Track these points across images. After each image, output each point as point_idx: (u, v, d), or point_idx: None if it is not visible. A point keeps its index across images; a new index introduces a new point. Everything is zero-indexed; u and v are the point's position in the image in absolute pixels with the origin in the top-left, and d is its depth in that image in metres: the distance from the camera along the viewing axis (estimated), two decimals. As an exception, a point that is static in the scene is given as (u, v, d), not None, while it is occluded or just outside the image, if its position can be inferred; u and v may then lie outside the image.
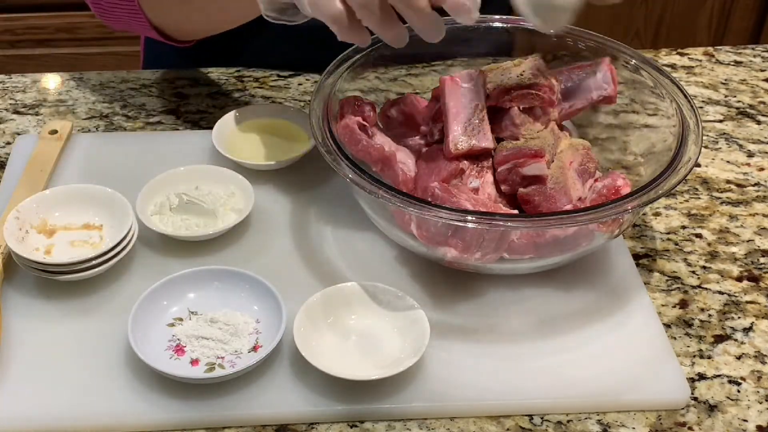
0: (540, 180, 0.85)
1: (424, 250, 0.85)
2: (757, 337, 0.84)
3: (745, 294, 0.89)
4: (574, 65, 0.93)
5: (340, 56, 0.93)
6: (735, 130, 1.11)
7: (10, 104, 1.11)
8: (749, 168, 1.05)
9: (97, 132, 1.07)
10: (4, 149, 1.03)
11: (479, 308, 0.85)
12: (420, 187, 0.87)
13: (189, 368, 0.78)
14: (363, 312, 0.81)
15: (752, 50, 1.27)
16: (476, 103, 0.86)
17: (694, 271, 0.91)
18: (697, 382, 0.80)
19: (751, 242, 0.95)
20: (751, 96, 1.17)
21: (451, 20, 0.76)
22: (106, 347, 0.80)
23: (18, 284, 0.85)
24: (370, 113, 0.89)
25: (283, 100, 1.12)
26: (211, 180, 0.94)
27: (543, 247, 0.83)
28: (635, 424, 0.76)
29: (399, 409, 0.76)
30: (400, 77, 1.04)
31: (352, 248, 0.90)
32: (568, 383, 0.78)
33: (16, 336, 0.81)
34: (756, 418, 0.77)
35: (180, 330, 0.81)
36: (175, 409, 0.75)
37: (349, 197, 0.91)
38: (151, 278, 0.83)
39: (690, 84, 1.19)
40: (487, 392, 0.77)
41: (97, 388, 0.77)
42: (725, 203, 1.00)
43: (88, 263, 0.83)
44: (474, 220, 0.77)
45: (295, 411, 0.76)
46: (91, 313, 0.83)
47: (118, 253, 0.85)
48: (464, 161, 0.86)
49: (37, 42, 2.16)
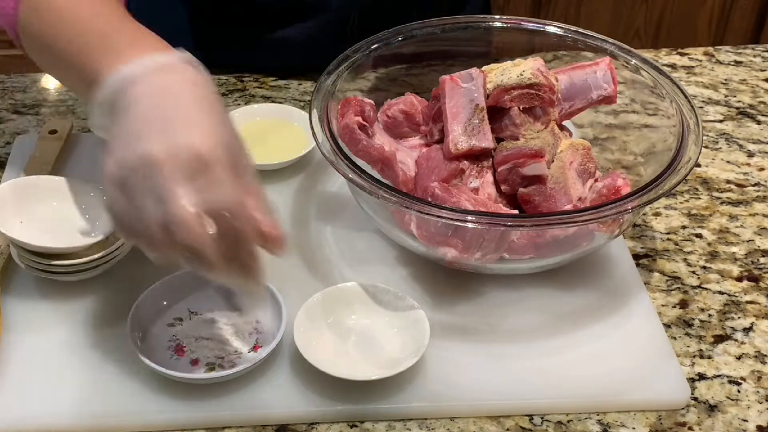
0: (540, 180, 0.85)
1: (424, 250, 0.85)
2: (757, 337, 0.84)
3: (745, 294, 0.89)
4: (574, 65, 0.93)
5: (340, 56, 0.93)
6: (735, 130, 1.11)
7: (10, 104, 1.11)
8: (749, 168, 1.05)
9: (97, 132, 1.07)
10: (4, 149, 1.03)
11: (479, 308, 0.85)
12: (420, 187, 0.87)
13: (189, 368, 0.78)
14: (363, 312, 0.81)
15: (752, 50, 1.27)
16: (476, 103, 0.86)
17: (694, 271, 0.91)
18: (697, 382, 0.80)
19: (751, 242, 0.95)
20: (751, 96, 1.17)
21: (450, 20, 0.76)
22: (106, 347, 0.80)
23: (18, 284, 0.85)
24: (370, 113, 0.89)
25: (283, 100, 1.12)
26: (211, 180, 0.93)
27: (543, 247, 0.83)
28: (635, 424, 0.76)
29: (399, 409, 0.76)
30: (400, 77, 1.04)
31: (352, 248, 0.90)
32: (568, 383, 0.78)
33: (16, 336, 0.81)
34: (756, 418, 0.77)
35: (180, 330, 0.81)
36: (175, 409, 0.75)
37: (349, 197, 0.91)
38: (151, 278, 0.83)
39: (690, 84, 1.19)
40: (487, 392, 0.77)
41: (97, 388, 0.77)
42: (725, 203, 1.00)
43: (88, 263, 0.83)
44: (474, 220, 0.77)
45: (295, 411, 0.76)
46: (91, 313, 0.83)
47: (118, 253, 0.85)
48: (464, 161, 0.86)
49: (37, 42, 2.17)
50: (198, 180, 0.66)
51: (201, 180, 0.66)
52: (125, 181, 0.67)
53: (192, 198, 0.65)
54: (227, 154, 0.68)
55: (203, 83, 0.72)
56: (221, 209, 0.67)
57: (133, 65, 0.71)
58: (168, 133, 0.67)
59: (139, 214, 0.67)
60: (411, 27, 0.98)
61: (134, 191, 0.66)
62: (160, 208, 0.65)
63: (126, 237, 0.72)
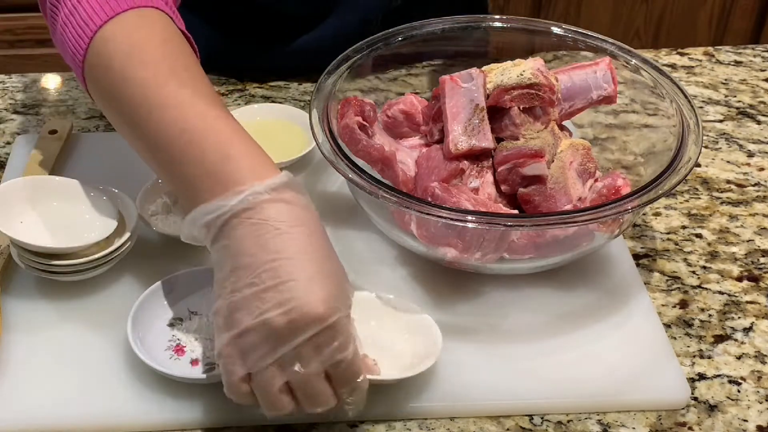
0: (540, 180, 0.85)
1: (424, 250, 0.85)
2: (757, 337, 0.84)
3: (745, 294, 0.89)
4: (574, 65, 0.93)
5: (340, 56, 0.93)
6: (735, 130, 1.11)
7: (10, 104, 1.11)
8: (749, 168, 1.05)
9: (97, 132, 1.07)
10: (4, 149, 1.03)
11: (479, 308, 0.85)
12: (420, 187, 0.87)
13: (189, 368, 0.77)
14: (367, 317, 0.80)
15: (752, 50, 1.27)
16: (476, 103, 0.86)
17: (694, 271, 0.91)
18: (697, 382, 0.80)
19: (751, 242, 0.95)
20: (751, 96, 1.17)
21: (451, 20, 0.76)
22: (106, 347, 0.80)
23: (18, 284, 0.85)
24: (370, 113, 0.89)
25: (283, 100, 1.12)
26: (211, 180, 0.93)
27: (543, 247, 0.83)
28: (635, 424, 0.76)
29: (399, 409, 0.76)
30: (400, 77, 1.04)
31: (352, 248, 0.90)
32: (568, 383, 0.78)
33: (16, 336, 0.81)
34: (756, 418, 0.77)
35: (180, 330, 0.81)
36: (175, 409, 0.75)
37: (349, 197, 0.91)
38: (151, 278, 0.83)
39: (690, 84, 1.19)
40: (487, 392, 0.77)
41: (97, 388, 0.77)
42: (725, 203, 1.00)
43: (88, 263, 0.83)
44: (474, 220, 0.77)
45: (295, 411, 0.76)
46: (91, 313, 0.83)
47: (118, 253, 0.85)
48: (464, 161, 0.86)
49: (37, 42, 2.16)
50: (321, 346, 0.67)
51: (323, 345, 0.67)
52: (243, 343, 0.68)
53: (319, 367, 0.68)
54: (345, 306, 0.69)
55: (311, 216, 0.71)
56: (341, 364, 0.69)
57: (247, 194, 0.69)
58: (285, 296, 0.67)
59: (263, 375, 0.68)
60: (411, 27, 0.98)
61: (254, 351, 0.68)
62: (283, 375, 0.68)
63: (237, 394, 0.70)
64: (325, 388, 0.69)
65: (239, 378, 0.68)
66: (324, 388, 0.69)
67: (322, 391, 0.69)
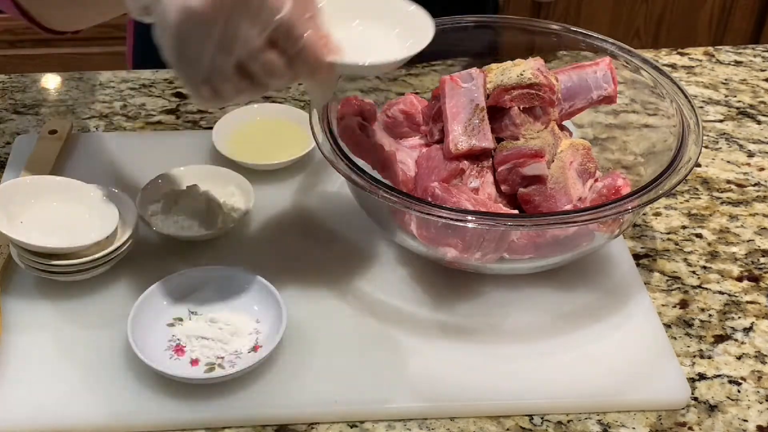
0: (540, 180, 0.85)
1: (424, 250, 0.85)
2: (758, 337, 0.84)
3: (745, 294, 0.89)
4: (574, 65, 0.93)
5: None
6: (735, 130, 1.11)
7: (10, 104, 1.11)
8: (749, 168, 1.05)
9: (97, 132, 1.07)
10: (4, 149, 1.03)
11: (479, 308, 0.85)
12: (420, 187, 0.87)
13: (189, 368, 0.78)
14: (348, 18, 0.79)
15: (752, 50, 1.27)
16: (476, 103, 0.86)
17: (695, 271, 0.91)
18: (698, 382, 0.80)
19: (752, 242, 0.95)
20: (751, 96, 1.17)
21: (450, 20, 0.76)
22: (106, 347, 0.80)
23: (18, 284, 0.85)
24: (370, 113, 0.89)
25: (283, 100, 1.12)
26: (211, 180, 0.94)
27: (543, 247, 0.83)
28: (635, 424, 0.76)
29: (399, 409, 0.76)
30: (400, 77, 1.04)
31: (352, 248, 0.90)
32: (568, 383, 0.78)
33: (16, 336, 0.81)
34: (756, 418, 0.77)
35: (180, 330, 0.81)
36: (175, 409, 0.75)
37: (349, 197, 0.91)
38: (151, 278, 0.83)
39: (690, 84, 1.19)
40: (487, 392, 0.77)
41: (97, 388, 0.77)
42: (725, 203, 1.00)
43: (88, 263, 0.83)
44: (474, 220, 0.77)
45: (295, 411, 0.76)
46: (91, 313, 0.83)
47: (118, 253, 0.85)
48: (464, 161, 0.86)
49: (37, 42, 2.16)
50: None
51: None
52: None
53: (255, 34, 0.67)
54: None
55: None
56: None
57: None
58: None
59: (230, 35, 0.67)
60: (411, 27, 0.97)
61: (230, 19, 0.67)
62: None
63: (187, 70, 0.70)
64: (275, 58, 0.69)
65: (199, 83, 0.69)
66: (273, 58, 0.69)
67: (272, 60, 0.69)
